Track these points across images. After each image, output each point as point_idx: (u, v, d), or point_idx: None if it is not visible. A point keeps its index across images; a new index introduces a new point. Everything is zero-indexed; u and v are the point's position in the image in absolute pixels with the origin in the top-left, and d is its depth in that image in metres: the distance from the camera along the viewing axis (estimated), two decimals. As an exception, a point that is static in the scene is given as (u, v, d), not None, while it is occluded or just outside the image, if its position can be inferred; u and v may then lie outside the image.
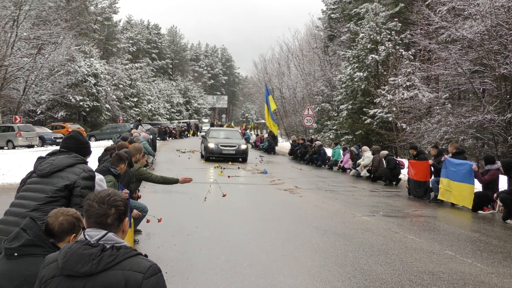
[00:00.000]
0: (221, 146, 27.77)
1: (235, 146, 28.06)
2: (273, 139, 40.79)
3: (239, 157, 28.13)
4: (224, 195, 12.24)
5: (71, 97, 49.51)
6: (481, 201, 13.51)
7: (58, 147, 5.90)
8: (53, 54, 43.65)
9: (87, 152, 5.85)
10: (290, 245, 9.31)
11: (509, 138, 20.55)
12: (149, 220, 9.66)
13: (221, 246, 9.01)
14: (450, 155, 15.00)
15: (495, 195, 13.01)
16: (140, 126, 32.30)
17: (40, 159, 5.59)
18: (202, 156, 29.76)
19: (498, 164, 13.80)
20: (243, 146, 28.41)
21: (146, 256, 2.88)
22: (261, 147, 41.00)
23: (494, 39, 21.12)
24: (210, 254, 8.46)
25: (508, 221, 11.97)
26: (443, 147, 19.51)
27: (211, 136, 30.01)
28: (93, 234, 2.82)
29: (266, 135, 42.86)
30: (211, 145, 27.77)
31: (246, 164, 27.59)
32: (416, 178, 16.24)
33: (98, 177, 5.97)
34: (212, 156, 27.66)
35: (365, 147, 23.17)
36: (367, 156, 21.88)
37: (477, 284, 7.16)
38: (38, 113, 50.33)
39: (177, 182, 9.29)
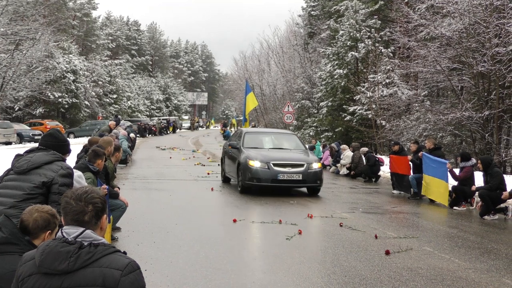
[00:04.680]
0: (275, 165, 14.94)
1: (301, 166, 15.08)
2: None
3: (311, 186, 15.39)
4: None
5: (49, 94, 49.05)
6: (458, 196, 13.65)
7: (36, 144, 5.85)
8: (31, 50, 43.16)
9: (65, 150, 5.81)
10: (269, 242, 9.32)
11: (487, 135, 20.78)
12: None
13: (200, 243, 8.99)
14: (428, 150, 15.12)
15: (474, 187, 13.18)
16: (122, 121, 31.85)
17: (17, 156, 5.54)
18: (224, 179, 17.99)
19: (473, 161, 14.01)
20: (316, 165, 15.35)
21: (125, 253, 2.87)
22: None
23: (472, 37, 21.33)
24: (189, 251, 8.44)
25: (486, 217, 12.11)
26: (422, 143, 19.69)
27: (248, 144, 16.61)
28: (70, 231, 2.81)
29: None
30: (256, 164, 15.02)
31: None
32: (399, 172, 16.40)
33: (77, 173, 5.93)
34: (255, 185, 15.13)
35: (344, 146, 23.23)
36: (346, 155, 21.95)
37: (455, 279, 7.23)
38: (16, 109, 49.76)
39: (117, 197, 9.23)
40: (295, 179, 14.96)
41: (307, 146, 18.66)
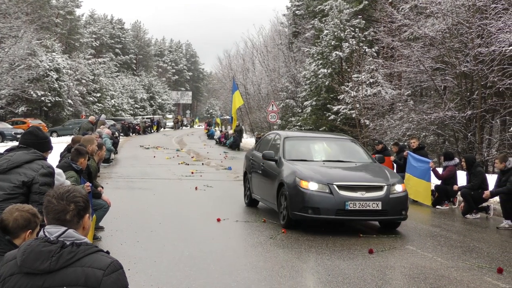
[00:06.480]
0: (340, 188, 10.09)
1: (379, 189, 10.29)
2: (239, 135, 40.72)
3: (393, 219, 10.57)
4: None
5: (32, 92, 48.58)
6: (440, 195, 13.75)
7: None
8: (14, 48, 42.72)
9: (46, 147, 5.75)
10: (254, 241, 9.32)
11: (469, 134, 20.93)
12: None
13: (185, 242, 8.98)
14: (412, 149, 15.18)
15: (456, 187, 13.28)
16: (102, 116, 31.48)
17: (-3, 155, 5.49)
18: (250, 202, 13.26)
19: (456, 160, 14.15)
20: (399, 187, 10.62)
21: (108, 252, 2.85)
22: (226, 143, 40.89)
23: (455, 37, 21.47)
24: (173, 250, 8.42)
25: (468, 216, 12.20)
26: (405, 143, 19.79)
27: (291, 155, 11.81)
28: (52, 230, 2.79)
29: (231, 131, 42.72)
30: (312, 186, 10.20)
31: (210, 160, 27.46)
32: None
33: (56, 171, 5.88)
34: (311, 218, 10.19)
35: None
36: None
37: (437, 278, 7.29)
38: (-3, 108, 49.32)
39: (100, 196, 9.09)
40: (371, 209, 9.99)
41: (375, 158, 12.68)
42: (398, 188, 10.53)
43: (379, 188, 10.27)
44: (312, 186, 10.12)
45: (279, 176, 11.03)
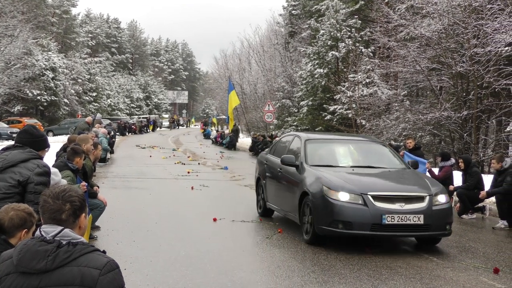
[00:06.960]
0: (375, 199, 8.63)
1: (420, 200, 8.85)
2: (236, 135, 40.71)
3: (436, 234, 9.08)
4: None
5: (28, 91, 48.50)
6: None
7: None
8: (9, 47, 42.64)
9: (42, 145, 5.70)
10: (250, 241, 9.33)
11: (465, 135, 20.96)
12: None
13: (181, 242, 8.97)
14: (408, 150, 15.17)
15: (452, 187, 13.28)
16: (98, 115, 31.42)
17: (-8, 154, 5.46)
18: (264, 212, 11.76)
19: (452, 160, 14.18)
20: (443, 198, 9.14)
21: (104, 252, 2.85)
22: (223, 143, 40.86)
23: (451, 38, 21.49)
24: (170, 250, 8.41)
25: (464, 216, 12.22)
26: (401, 143, 19.80)
27: (314, 160, 10.27)
28: (49, 230, 2.78)
29: (227, 131, 42.70)
30: (342, 196, 8.73)
31: (206, 159, 27.45)
32: None
33: (52, 170, 5.85)
34: (342, 233, 8.72)
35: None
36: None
37: (433, 277, 7.29)
38: (-7, 107, 49.22)
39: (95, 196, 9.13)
40: (412, 223, 8.57)
41: (402, 161, 11.05)
42: (441, 198, 9.12)
43: (420, 199, 8.90)
44: (342, 197, 8.73)
45: (302, 184, 9.60)
